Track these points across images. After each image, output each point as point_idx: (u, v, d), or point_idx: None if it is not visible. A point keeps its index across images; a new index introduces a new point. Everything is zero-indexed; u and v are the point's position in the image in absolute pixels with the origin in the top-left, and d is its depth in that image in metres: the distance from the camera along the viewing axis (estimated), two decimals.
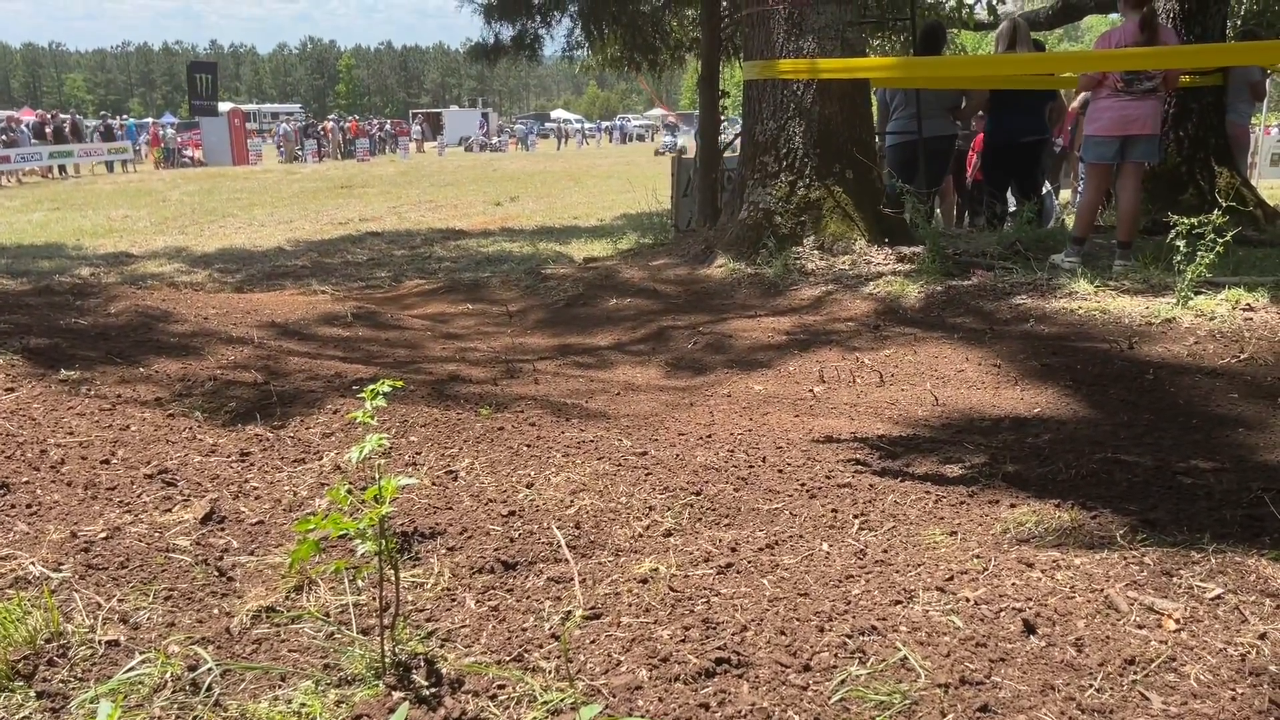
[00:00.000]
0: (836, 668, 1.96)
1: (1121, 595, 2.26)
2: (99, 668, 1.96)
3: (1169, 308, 5.18)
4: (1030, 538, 2.67)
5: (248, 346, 4.98)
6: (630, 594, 2.29)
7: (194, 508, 2.82)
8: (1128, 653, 2.01)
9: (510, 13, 12.97)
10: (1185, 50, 7.34)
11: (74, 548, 2.51)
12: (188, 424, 3.68)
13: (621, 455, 3.45)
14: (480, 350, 5.49)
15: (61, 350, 4.59)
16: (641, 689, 1.89)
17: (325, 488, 3.02)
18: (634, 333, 5.97)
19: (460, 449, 3.47)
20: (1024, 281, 6.12)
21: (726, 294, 6.79)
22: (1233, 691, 1.89)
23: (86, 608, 2.19)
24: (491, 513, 2.85)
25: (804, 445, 3.61)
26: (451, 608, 2.26)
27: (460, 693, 1.89)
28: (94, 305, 6.13)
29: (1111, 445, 3.48)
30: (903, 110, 8.49)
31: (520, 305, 7.08)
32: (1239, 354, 4.51)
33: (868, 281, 6.46)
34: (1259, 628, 2.11)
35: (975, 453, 3.48)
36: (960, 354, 4.89)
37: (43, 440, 3.36)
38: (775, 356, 5.15)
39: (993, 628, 2.12)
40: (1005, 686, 1.90)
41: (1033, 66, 8.15)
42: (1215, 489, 3.01)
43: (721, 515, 2.90)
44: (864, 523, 2.83)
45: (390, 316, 6.52)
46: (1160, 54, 6.40)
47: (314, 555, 1.91)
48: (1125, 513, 2.80)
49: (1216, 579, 2.35)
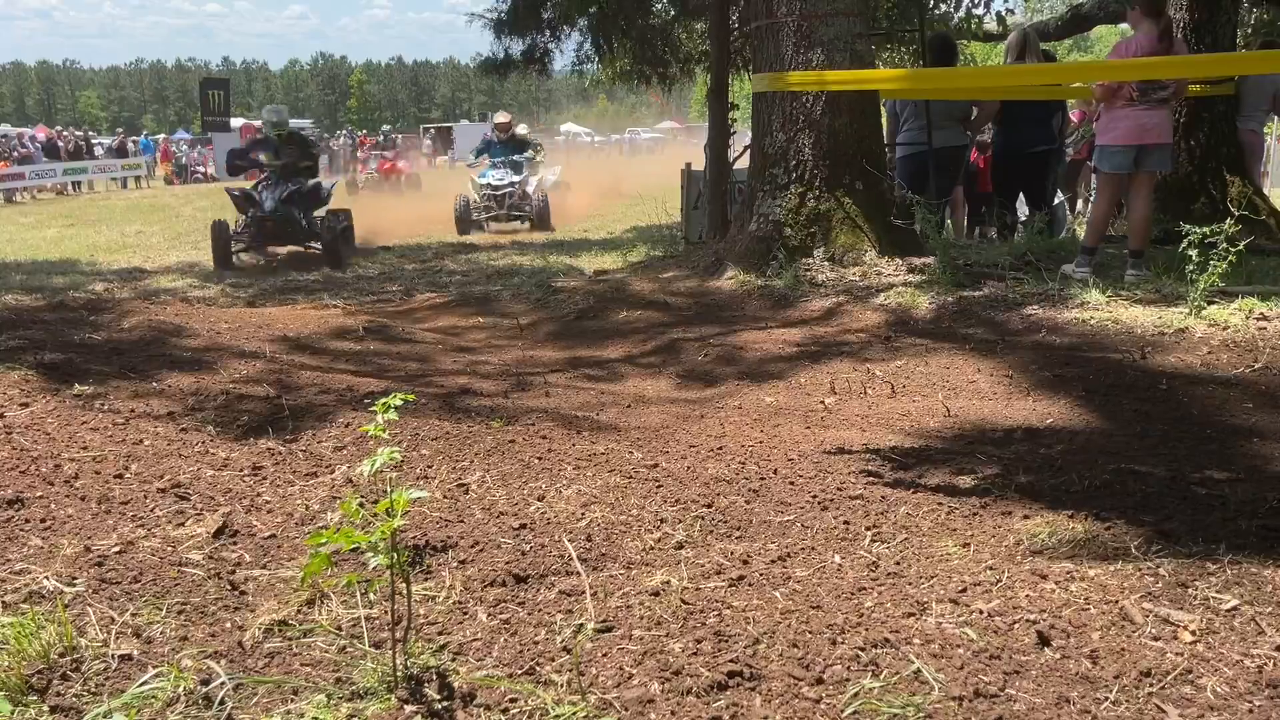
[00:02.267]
0: (849, 680, 1.95)
1: (1136, 607, 2.25)
2: (112, 682, 1.96)
3: (1182, 317, 5.15)
4: (1044, 549, 2.65)
5: (260, 360, 5.00)
6: (642, 607, 2.29)
7: (206, 522, 2.83)
8: (1143, 665, 2.00)
9: (520, 27, 13.03)
10: (1205, 59, 7.35)
11: (88, 562, 2.52)
12: (200, 438, 3.69)
13: (632, 468, 3.44)
14: (491, 363, 5.50)
15: (75, 365, 4.62)
16: (654, 702, 1.89)
17: (337, 501, 3.02)
18: (644, 345, 5.97)
19: (471, 462, 3.47)
20: (1035, 292, 6.10)
21: (737, 306, 6.78)
22: (1250, 704, 1.87)
23: (100, 622, 2.19)
24: (503, 525, 2.85)
25: (815, 457, 3.60)
26: (463, 621, 2.26)
27: (472, 706, 1.89)
28: (107, 320, 6.17)
29: (1125, 456, 3.46)
30: (913, 121, 8.49)
31: (531, 318, 7.09)
32: (1253, 364, 4.49)
33: (878, 293, 6.45)
34: (1276, 639, 2.10)
35: (988, 464, 3.47)
36: (972, 365, 4.87)
37: (57, 455, 3.38)
38: (786, 368, 5.15)
39: (1006, 640, 2.11)
40: (1019, 699, 1.89)
41: (1043, 77, 8.14)
42: (1230, 499, 2.99)
43: (733, 527, 2.89)
44: (876, 535, 2.82)
45: (401, 330, 6.54)
46: (1180, 63, 6.40)
47: (326, 569, 1.91)
48: (1140, 524, 2.78)
49: (1232, 590, 2.33)
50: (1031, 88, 8.15)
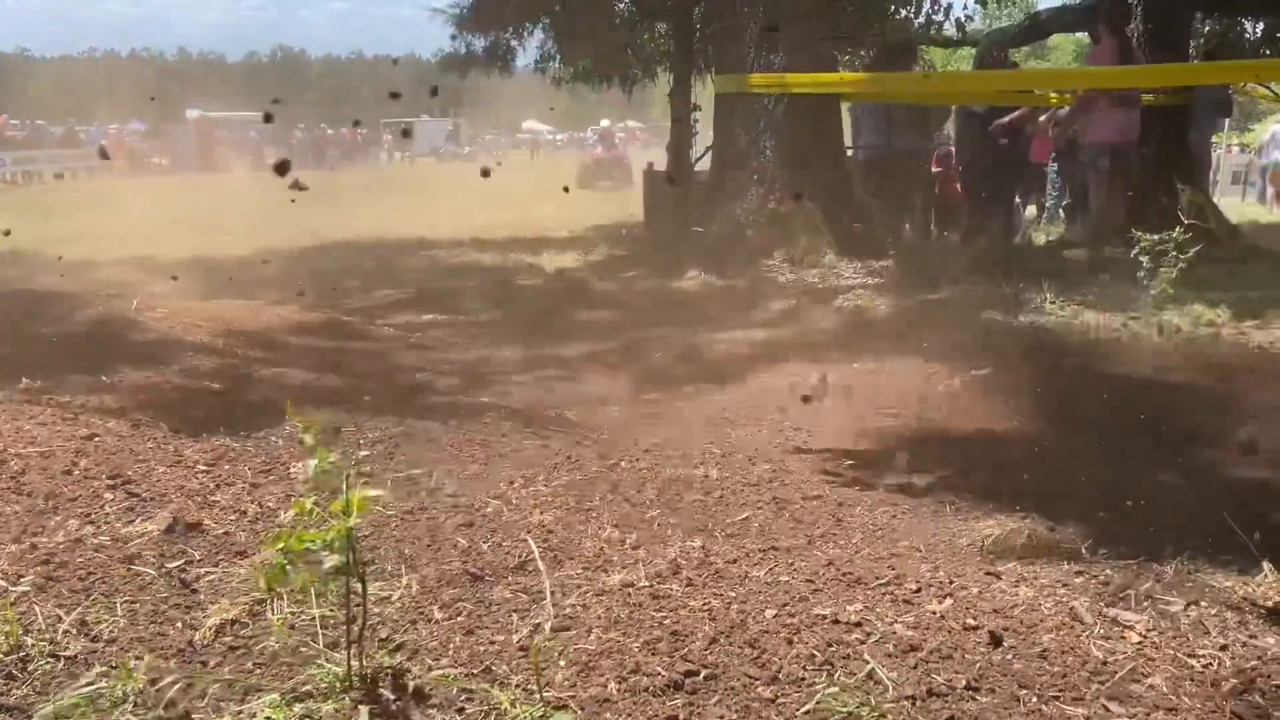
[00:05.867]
0: (805, 680, 1.96)
1: (1086, 608, 2.28)
2: (60, 681, 1.93)
3: (1134, 323, 5.24)
4: (996, 551, 2.69)
5: (214, 356, 4.93)
6: (599, 606, 2.29)
7: (157, 519, 2.79)
8: (1092, 664, 2.03)
9: (483, 24, 12.96)
10: (1173, 69, 7.66)
11: (34, 559, 2.47)
12: (152, 434, 3.63)
13: (591, 467, 3.44)
14: (450, 361, 5.47)
15: (23, 358, 4.52)
16: (610, 701, 1.89)
17: (291, 499, 2.99)
18: (605, 344, 5.96)
19: (430, 460, 3.45)
20: (992, 296, 6.18)
21: (698, 306, 6.80)
22: (1194, 702, 1.91)
23: (47, 620, 2.15)
24: (460, 524, 2.84)
25: (774, 458, 3.62)
26: (419, 620, 2.24)
27: (427, 706, 1.87)
28: (58, 314, 6.04)
29: (1077, 459, 3.52)
30: (873, 125, 8.56)
31: (490, 316, 7.05)
32: (1202, 369, 4.57)
33: (838, 295, 6.50)
34: (1220, 639, 2.14)
35: (942, 466, 3.50)
36: (928, 367, 4.92)
37: (2, 450, 3.31)
38: (745, 369, 5.17)
39: (959, 640, 2.13)
40: (972, 698, 1.91)
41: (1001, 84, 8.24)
42: (1178, 503, 3.05)
43: (691, 527, 2.90)
44: (833, 535, 2.84)
45: (359, 326, 6.48)
46: (1145, 73, 6.71)
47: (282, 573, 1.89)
48: (1090, 526, 2.83)
49: (1179, 592, 2.38)
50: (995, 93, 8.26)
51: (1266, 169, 16.94)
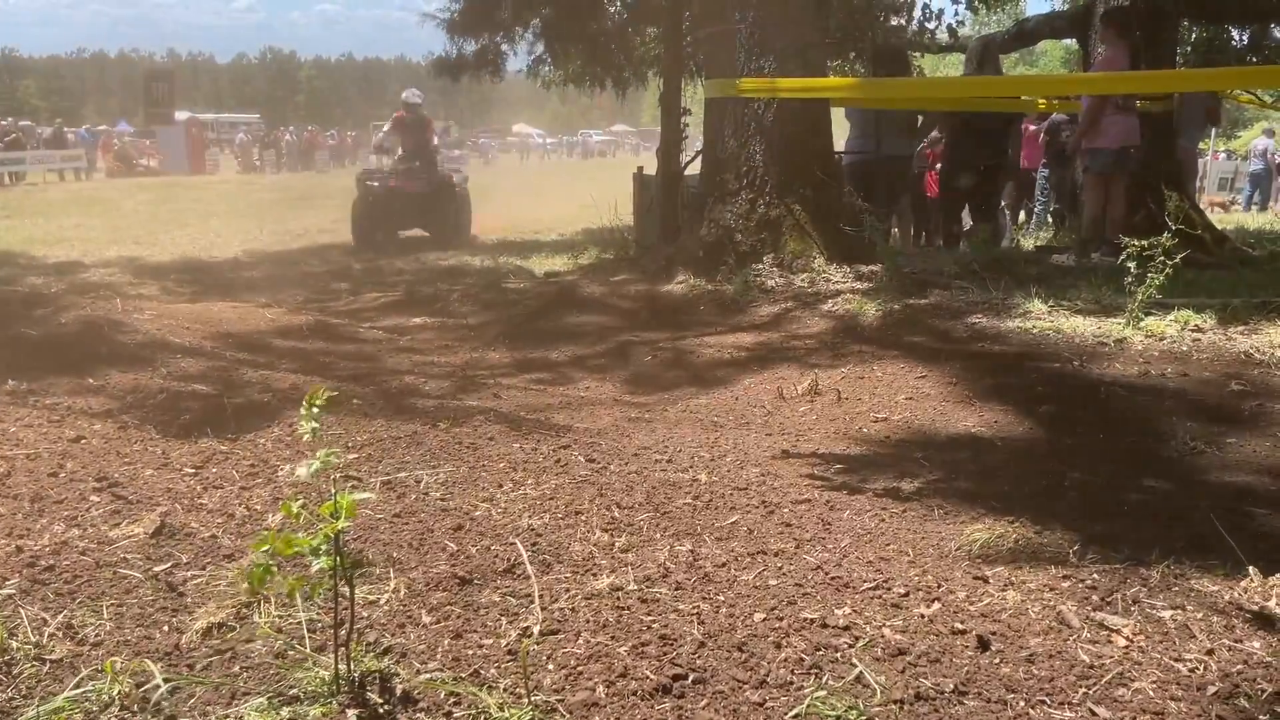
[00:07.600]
0: (793, 684, 1.97)
1: (1073, 611, 2.29)
2: (45, 685, 1.92)
3: (1120, 328, 5.27)
4: (984, 555, 2.70)
5: (202, 358, 4.91)
6: (588, 609, 2.29)
7: (144, 521, 2.77)
8: (1079, 668, 2.04)
9: (473, 28, 12.95)
10: (1162, 75, 7.81)
11: (20, 562, 2.46)
12: (139, 436, 3.62)
13: (580, 470, 3.44)
14: (439, 364, 5.46)
15: (9, 360, 4.50)
16: (599, 706, 1.89)
17: (279, 501, 2.98)
18: (594, 348, 5.97)
19: (418, 463, 3.44)
20: (980, 301, 6.19)
21: (687, 310, 6.80)
22: (1180, 706, 1.92)
23: (32, 623, 2.14)
24: (448, 527, 2.83)
25: (762, 462, 3.62)
26: (407, 624, 2.24)
27: (415, 710, 1.87)
28: (44, 315, 6.01)
29: (1064, 464, 3.53)
30: (860, 130, 8.58)
31: (479, 319, 7.05)
32: (1188, 374, 4.60)
33: (826, 299, 6.51)
34: (1206, 644, 2.15)
35: (930, 470, 3.52)
36: (916, 372, 4.94)
37: None
38: (734, 373, 5.18)
39: (947, 643, 2.14)
40: (960, 702, 1.92)
41: (991, 89, 8.28)
42: (1165, 508, 3.06)
43: (680, 531, 2.90)
44: (821, 539, 2.84)
45: (348, 329, 6.47)
46: (1133, 79, 6.80)
47: (269, 577, 1.88)
48: (1077, 530, 2.84)
49: (1166, 596, 2.39)
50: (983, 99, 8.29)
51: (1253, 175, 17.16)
